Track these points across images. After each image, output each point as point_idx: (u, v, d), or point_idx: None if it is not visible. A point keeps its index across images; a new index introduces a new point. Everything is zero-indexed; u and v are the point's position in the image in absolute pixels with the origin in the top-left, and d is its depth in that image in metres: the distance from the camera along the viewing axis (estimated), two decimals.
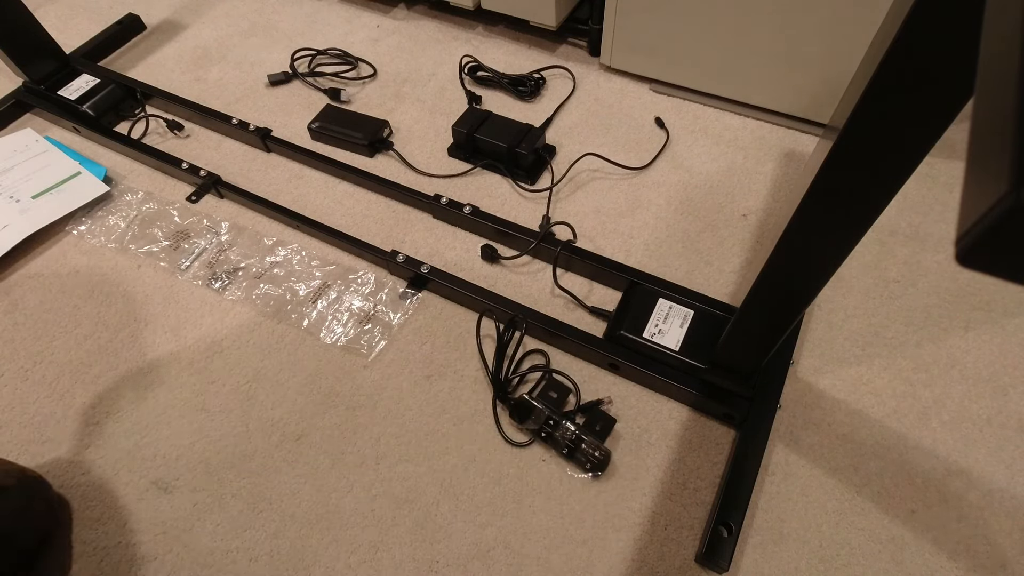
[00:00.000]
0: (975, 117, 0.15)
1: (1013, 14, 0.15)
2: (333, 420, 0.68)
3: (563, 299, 0.76)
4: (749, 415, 0.63)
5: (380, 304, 0.77)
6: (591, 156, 0.89)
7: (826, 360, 0.70)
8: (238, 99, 1.02)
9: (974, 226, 0.14)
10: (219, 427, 0.68)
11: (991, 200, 0.13)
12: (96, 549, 0.61)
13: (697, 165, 0.89)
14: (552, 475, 0.64)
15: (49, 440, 0.68)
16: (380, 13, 1.15)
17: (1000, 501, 0.60)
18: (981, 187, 0.14)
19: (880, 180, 0.38)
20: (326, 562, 0.60)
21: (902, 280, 0.76)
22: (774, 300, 0.52)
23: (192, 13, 1.18)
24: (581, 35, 1.05)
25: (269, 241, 0.84)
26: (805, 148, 0.90)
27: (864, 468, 0.63)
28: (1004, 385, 0.67)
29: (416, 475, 0.64)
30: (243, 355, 0.73)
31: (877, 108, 0.34)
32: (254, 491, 0.64)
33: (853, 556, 0.58)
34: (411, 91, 1.01)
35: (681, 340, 0.68)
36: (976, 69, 0.16)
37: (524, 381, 0.70)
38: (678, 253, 0.80)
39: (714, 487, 0.63)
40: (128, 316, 0.77)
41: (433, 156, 0.92)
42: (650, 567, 0.58)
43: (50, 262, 0.83)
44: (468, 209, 0.81)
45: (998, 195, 0.13)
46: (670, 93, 0.98)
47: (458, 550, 0.60)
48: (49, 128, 1.00)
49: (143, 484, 0.65)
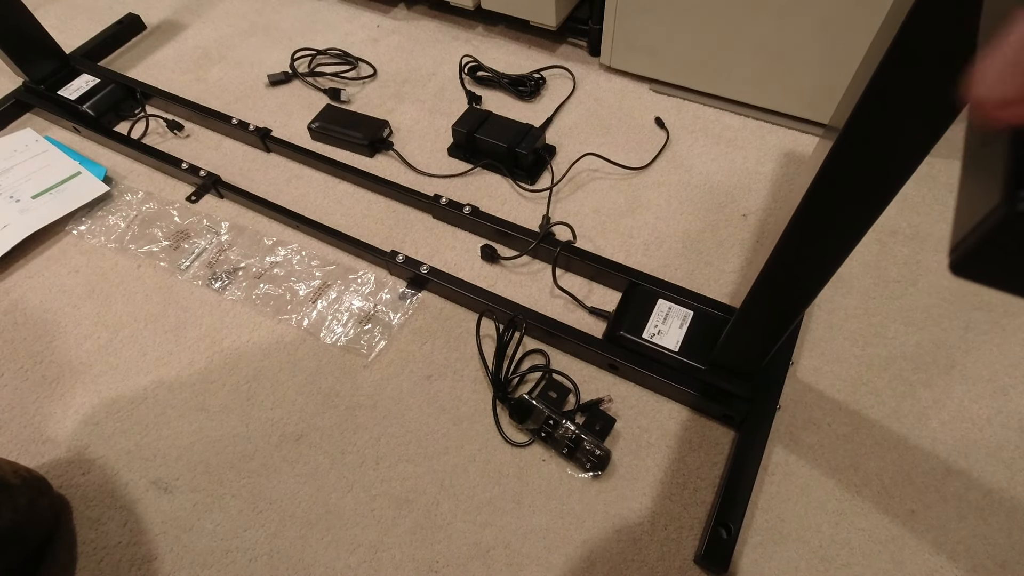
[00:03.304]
0: (970, 127, 0.16)
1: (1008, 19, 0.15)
2: (333, 420, 0.68)
3: (563, 299, 0.76)
4: (749, 415, 0.63)
5: (380, 304, 0.77)
6: (591, 156, 0.89)
7: (826, 360, 0.70)
8: (238, 99, 1.02)
9: (967, 236, 0.14)
10: (219, 427, 0.68)
11: (983, 211, 0.13)
12: (96, 549, 0.61)
13: (697, 165, 0.89)
14: (552, 475, 0.64)
15: (49, 440, 0.68)
16: (380, 13, 1.15)
17: (1000, 501, 0.60)
18: (974, 198, 0.14)
19: (880, 180, 0.38)
20: (326, 562, 0.60)
21: (902, 280, 0.76)
22: (774, 300, 0.52)
23: (192, 13, 1.18)
24: (581, 35, 1.05)
25: (269, 241, 0.84)
26: (805, 148, 0.90)
27: (864, 468, 0.63)
28: (1004, 385, 0.67)
29: (416, 475, 0.64)
30: (243, 355, 0.73)
31: (877, 108, 0.34)
32: (254, 491, 0.64)
33: (853, 556, 0.58)
34: (411, 91, 1.01)
35: (681, 341, 0.68)
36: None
37: (524, 381, 0.70)
38: (678, 253, 0.80)
39: (714, 487, 0.63)
40: (128, 316, 0.77)
41: (433, 156, 0.92)
42: (650, 567, 0.58)
43: (50, 262, 0.83)
44: (468, 209, 0.81)
45: (990, 206, 0.13)
46: (670, 93, 0.98)
47: (458, 550, 0.60)
48: (49, 128, 1.00)
49: (143, 484, 0.65)
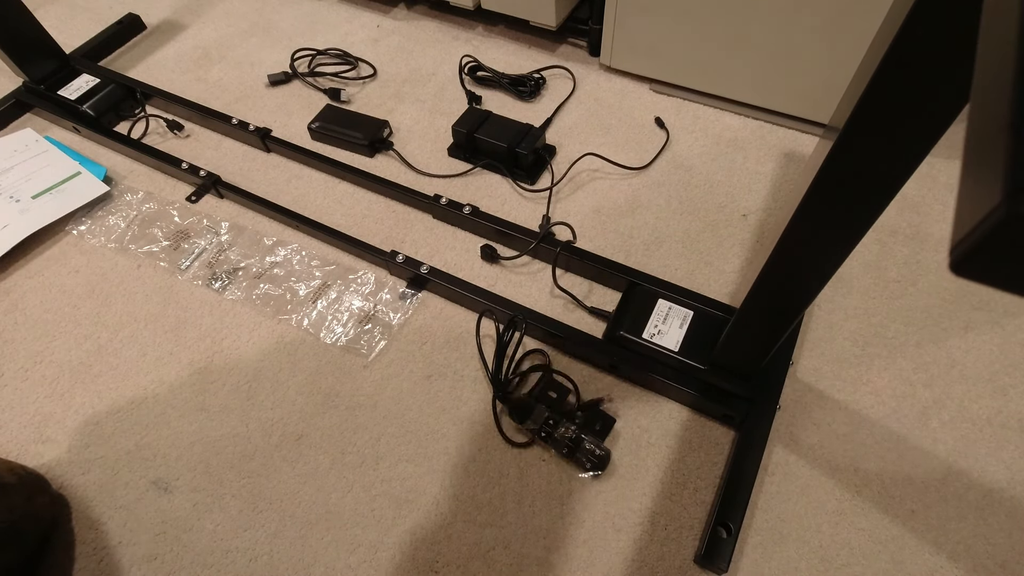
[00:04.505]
0: (970, 126, 0.15)
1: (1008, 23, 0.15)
2: (333, 420, 0.68)
3: (563, 299, 0.76)
4: (749, 415, 0.63)
5: (380, 304, 0.77)
6: (591, 156, 0.89)
7: (826, 360, 0.70)
8: (238, 99, 1.02)
9: (967, 236, 0.14)
10: (219, 427, 0.68)
11: (983, 211, 0.13)
12: (96, 549, 0.61)
13: (697, 165, 0.89)
14: (552, 475, 0.64)
15: (49, 440, 0.68)
16: (380, 13, 1.15)
17: (1000, 501, 0.60)
18: (974, 197, 0.14)
19: (880, 180, 0.38)
20: (326, 562, 0.60)
21: (902, 280, 0.76)
22: (774, 300, 0.52)
23: (192, 13, 1.18)
24: (581, 35, 1.05)
25: (269, 241, 0.84)
26: (805, 148, 0.90)
27: (864, 468, 0.63)
28: (1004, 385, 0.67)
29: (416, 475, 0.64)
30: (243, 355, 0.73)
31: (877, 108, 0.34)
32: (254, 491, 0.64)
33: (853, 556, 0.58)
34: (411, 91, 1.01)
35: (680, 341, 0.68)
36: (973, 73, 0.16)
37: (524, 381, 0.70)
38: (678, 253, 0.80)
39: (714, 487, 0.63)
40: (128, 316, 0.77)
41: (433, 156, 0.92)
42: (650, 567, 0.58)
43: (50, 262, 0.83)
44: (468, 209, 0.81)
45: (991, 206, 0.13)
46: (670, 93, 0.98)
47: (458, 550, 0.60)
48: (49, 128, 1.00)
49: (143, 484, 0.65)
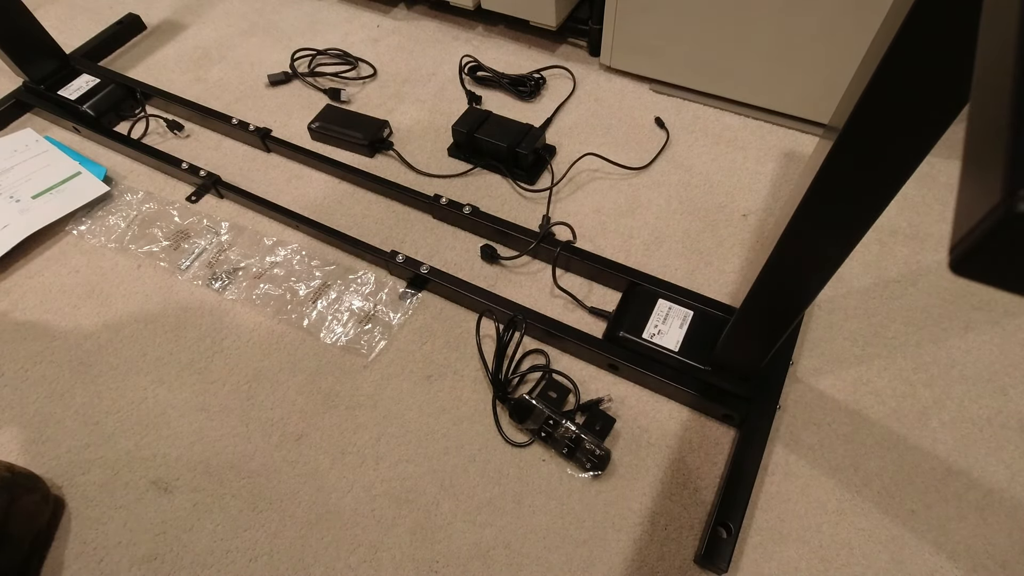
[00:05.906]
0: (970, 126, 0.15)
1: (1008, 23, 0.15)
2: (333, 420, 0.68)
3: (563, 299, 0.76)
4: (749, 415, 0.63)
5: (380, 304, 0.77)
6: (591, 156, 0.89)
7: (826, 360, 0.70)
8: (238, 99, 1.02)
9: (967, 235, 0.14)
10: (219, 427, 0.68)
11: (983, 210, 0.13)
12: (96, 549, 0.61)
13: (697, 165, 0.89)
14: (552, 475, 0.64)
15: (49, 440, 0.68)
16: (380, 13, 1.15)
17: (1000, 501, 0.60)
18: (974, 197, 0.14)
19: (880, 180, 0.38)
20: (326, 562, 0.60)
21: (902, 280, 0.76)
22: (774, 300, 0.52)
23: (192, 13, 1.18)
24: (581, 35, 1.05)
25: (269, 241, 0.84)
26: (805, 148, 0.90)
27: (864, 468, 0.63)
28: (1004, 385, 0.67)
29: (416, 475, 0.64)
30: (243, 355, 0.73)
31: (877, 108, 0.34)
32: (254, 491, 0.64)
33: (853, 556, 0.58)
34: (411, 91, 1.01)
35: (681, 341, 0.68)
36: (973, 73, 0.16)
37: (524, 381, 0.70)
38: (678, 253, 0.80)
39: (714, 487, 0.63)
40: (128, 316, 0.77)
41: (433, 156, 0.92)
42: (650, 567, 0.58)
43: (50, 262, 0.83)
44: (468, 209, 0.81)
45: (990, 205, 0.13)
46: (670, 93, 0.98)
47: (458, 550, 0.60)
48: (49, 128, 1.00)
49: (143, 484, 0.65)
